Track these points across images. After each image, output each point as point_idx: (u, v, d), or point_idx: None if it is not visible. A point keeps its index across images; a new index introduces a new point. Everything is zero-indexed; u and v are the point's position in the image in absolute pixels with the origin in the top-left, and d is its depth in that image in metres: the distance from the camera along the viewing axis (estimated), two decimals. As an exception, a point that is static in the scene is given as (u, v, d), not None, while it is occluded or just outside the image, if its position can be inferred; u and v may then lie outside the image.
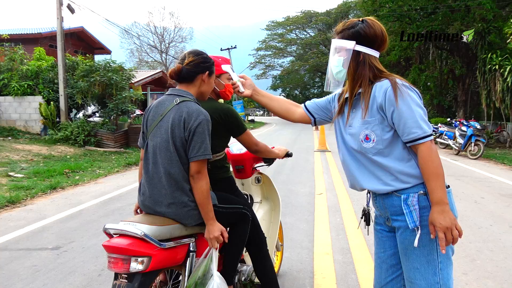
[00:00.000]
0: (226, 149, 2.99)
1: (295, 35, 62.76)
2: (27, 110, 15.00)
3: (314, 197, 6.68)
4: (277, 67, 66.59)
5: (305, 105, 2.22)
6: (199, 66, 2.23)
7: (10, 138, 13.62)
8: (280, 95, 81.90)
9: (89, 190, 7.39)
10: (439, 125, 17.09)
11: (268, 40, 63.53)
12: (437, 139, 16.42)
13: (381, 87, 1.78)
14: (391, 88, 1.75)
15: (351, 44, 1.84)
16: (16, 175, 8.27)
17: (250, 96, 2.27)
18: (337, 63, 1.88)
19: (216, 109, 2.46)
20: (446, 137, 15.41)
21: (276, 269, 3.43)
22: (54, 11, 14.60)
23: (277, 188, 3.23)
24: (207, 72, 2.26)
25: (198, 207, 2.14)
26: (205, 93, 2.32)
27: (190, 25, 67.87)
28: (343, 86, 1.96)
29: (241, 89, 2.23)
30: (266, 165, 3.13)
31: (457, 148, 14.06)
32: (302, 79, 64.92)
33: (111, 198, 6.67)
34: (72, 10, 15.02)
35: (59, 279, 3.45)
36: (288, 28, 61.49)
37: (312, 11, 59.18)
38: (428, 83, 23.05)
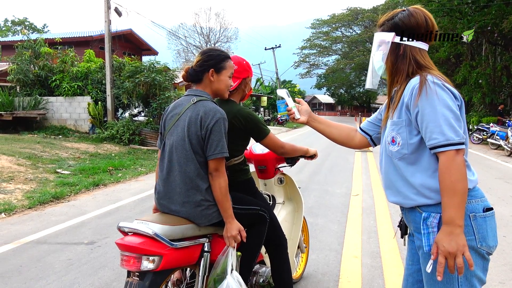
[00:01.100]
0: (249, 149, 2.99)
1: (340, 33, 61.82)
2: (76, 110, 15.72)
3: (350, 198, 6.53)
4: (321, 65, 65.94)
5: (359, 127, 2.09)
6: (203, 65, 2.23)
7: (60, 136, 14.34)
8: (324, 94, 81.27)
9: (129, 188, 7.63)
10: (491, 124, 16.27)
11: (312, 38, 63.02)
12: (488, 140, 15.65)
13: (410, 84, 1.62)
14: (418, 86, 1.56)
15: (389, 36, 1.69)
16: (63, 172, 8.69)
17: (306, 123, 2.13)
18: (379, 58, 1.76)
19: (236, 113, 2.42)
20: (498, 137, 14.64)
21: (300, 272, 3.40)
22: (103, 14, 15.22)
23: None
24: (212, 69, 2.23)
25: (211, 207, 2.15)
26: (218, 91, 2.29)
27: (235, 25, 68.65)
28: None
29: (297, 115, 2.12)
30: (289, 166, 3.09)
31: (509, 149, 13.31)
32: (347, 78, 63.97)
33: (148, 196, 6.85)
34: (119, 13, 15.60)
35: (90, 273, 3.58)
36: (333, 26, 60.66)
37: (358, 8, 58.06)
38: (480, 81, 21.92)
